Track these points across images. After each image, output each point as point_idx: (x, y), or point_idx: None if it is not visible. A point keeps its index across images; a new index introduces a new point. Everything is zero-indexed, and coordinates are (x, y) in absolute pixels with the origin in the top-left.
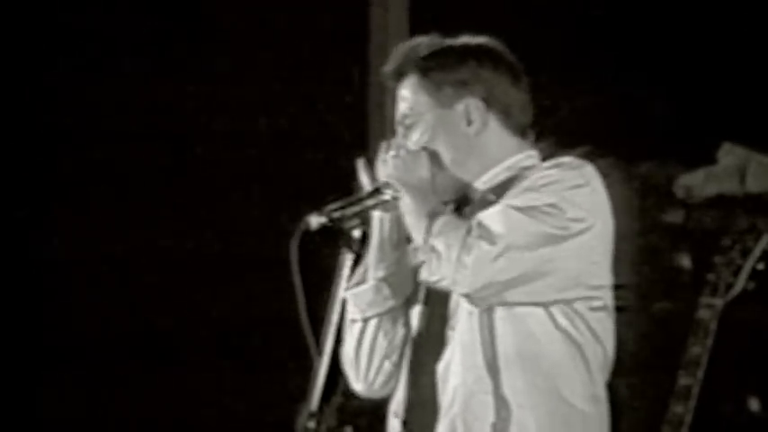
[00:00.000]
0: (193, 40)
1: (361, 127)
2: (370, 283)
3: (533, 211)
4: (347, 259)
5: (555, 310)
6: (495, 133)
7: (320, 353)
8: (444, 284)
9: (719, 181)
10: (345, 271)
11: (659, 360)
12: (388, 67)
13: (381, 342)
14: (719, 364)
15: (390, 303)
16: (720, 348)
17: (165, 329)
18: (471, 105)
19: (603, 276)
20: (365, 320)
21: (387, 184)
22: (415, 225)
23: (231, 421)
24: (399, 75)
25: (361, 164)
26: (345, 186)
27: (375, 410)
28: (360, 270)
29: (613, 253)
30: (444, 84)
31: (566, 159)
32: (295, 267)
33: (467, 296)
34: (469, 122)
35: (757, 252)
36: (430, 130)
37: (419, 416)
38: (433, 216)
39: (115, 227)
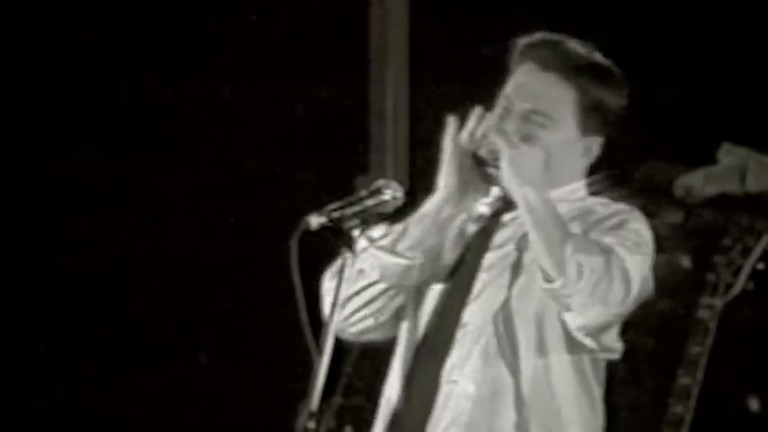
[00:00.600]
0: (191, 42)
1: (362, 128)
2: (404, 261)
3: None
4: (347, 259)
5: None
6: (587, 162)
7: (320, 353)
8: (565, 302)
9: (719, 181)
10: (345, 271)
11: (659, 360)
12: (539, 50)
13: (378, 301)
14: (719, 364)
15: (410, 281)
16: (720, 348)
17: (166, 331)
18: (597, 143)
19: None
20: (376, 282)
21: (386, 184)
22: (541, 233)
23: (232, 423)
24: (552, 67)
25: (451, 124)
26: (345, 190)
27: (374, 410)
28: (396, 228)
29: None
30: (596, 109)
31: (633, 218)
32: (295, 267)
33: (581, 327)
34: (583, 159)
35: (757, 252)
36: (554, 143)
37: (410, 414)
38: (563, 228)
39: (114, 229)
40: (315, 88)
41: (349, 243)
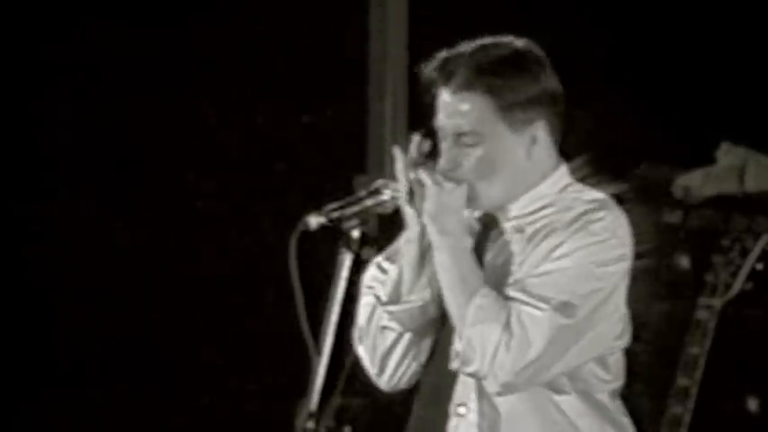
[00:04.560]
0: (190, 45)
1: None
2: (415, 302)
3: (569, 309)
4: (346, 259)
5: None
6: (545, 152)
7: (319, 353)
8: (477, 376)
9: (718, 181)
10: (344, 271)
11: (658, 360)
12: (442, 73)
13: (414, 348)
14: (718, 364)
15: (433, 315)
16: (719, 349)
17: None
18: (539, 131)
19: (624, 318)
20: (402, 333)
21: (385, 185)
22: (450, 297)
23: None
24: (457, 84)
25: (398, 152)
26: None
27: (374, 410)
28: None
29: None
30: (515, 106)
31: (600, 223)
32: (293, 267)
33: (500, 391)
34: (532, 151)
35: (756, 252)
36: (493, 155)
37: None
38: (470, 294)
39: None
40: (315, 90)
41: (348, 243)
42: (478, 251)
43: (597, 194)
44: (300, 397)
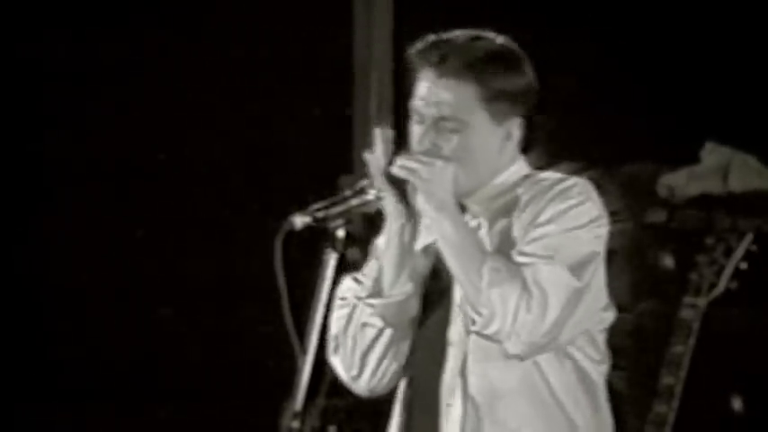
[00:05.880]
0: (179, 45)
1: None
2: (397, 297)
3: (578, 271)
4: (331, 259)
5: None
6: (513, 149)
7: (304, 353)
8: (499, 338)
9: (702, 180)
10: (329, 271)
11: (642, 359)
12: (431, 56)
13: (393, 347)
14: (702, 363)
15: (413, 312)
16: (703, 348)
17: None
18: (514, 128)
19: (605, 290)
20: (383, 329)
21: (370, 184)
22: (459, 267)
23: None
24: (446, 69)
25: (368, 156)
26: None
27: (359, 410)
28: (371, 265)
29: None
30: (500, 98)
31: (573, 188)
32: (279, 267)
33: (518, 355)
34: (505, 145)
35: (740, 252)
36: (473, 142)
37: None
38: (481, 259)
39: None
40: (301, 89)
41: (333, 243)
42: None
43: (556, 173)
44: (286, 397)
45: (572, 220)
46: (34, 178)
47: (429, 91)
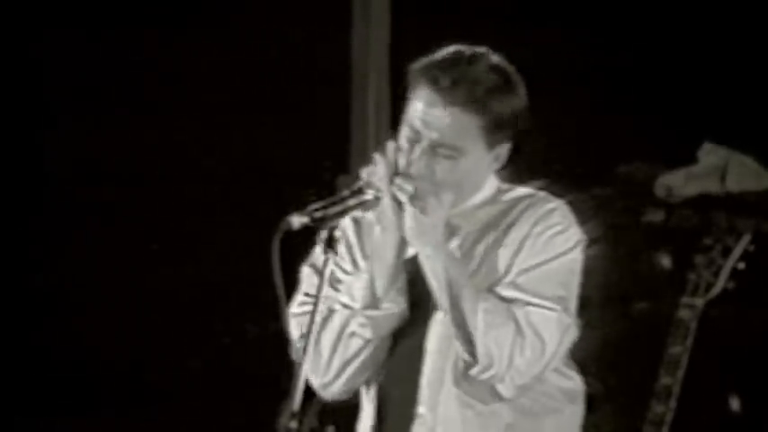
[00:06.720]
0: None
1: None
2: (393, 309)
3: (568, 305)
4: (329, 259)
5: None
6: (498, 165)
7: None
8: (494, 381)
9: (700, 181)
10: (326, 271)
11: (640, 359)
12: (434, 80)
13: (374, 357)
14: (700, 363)
15: (399, 324)
16: (701, 348)
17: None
18: (503, 151)
19: None
20: (370, 340)
21: (368, 184)
22: (452, 307)
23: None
24: (454, 97)
25: (380, 159)
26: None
27: (358, 410)
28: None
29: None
30: (499, 128)
31: (555, 213)
32: (276, 267)
33: (514, 392)
34: (491, 166)
35: (737, 252)
36: (465, 168)
37: None
38: (473, 300)
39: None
40: (299, 89)
41: (331, 243)
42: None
43: (527, 189)
44: (283, 397)
45: (557, 247)
46: (34, 178)
47: (432, 114)
